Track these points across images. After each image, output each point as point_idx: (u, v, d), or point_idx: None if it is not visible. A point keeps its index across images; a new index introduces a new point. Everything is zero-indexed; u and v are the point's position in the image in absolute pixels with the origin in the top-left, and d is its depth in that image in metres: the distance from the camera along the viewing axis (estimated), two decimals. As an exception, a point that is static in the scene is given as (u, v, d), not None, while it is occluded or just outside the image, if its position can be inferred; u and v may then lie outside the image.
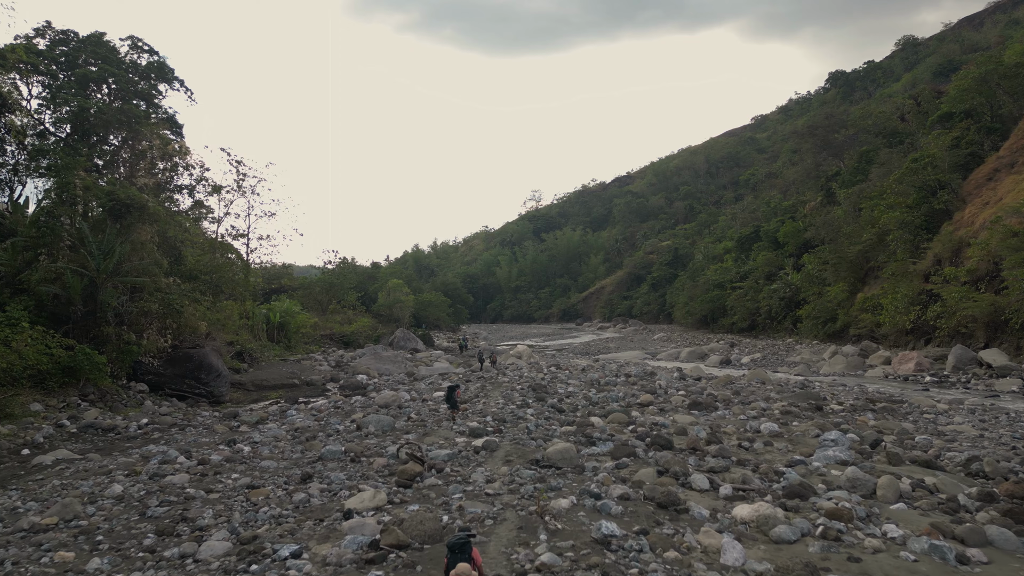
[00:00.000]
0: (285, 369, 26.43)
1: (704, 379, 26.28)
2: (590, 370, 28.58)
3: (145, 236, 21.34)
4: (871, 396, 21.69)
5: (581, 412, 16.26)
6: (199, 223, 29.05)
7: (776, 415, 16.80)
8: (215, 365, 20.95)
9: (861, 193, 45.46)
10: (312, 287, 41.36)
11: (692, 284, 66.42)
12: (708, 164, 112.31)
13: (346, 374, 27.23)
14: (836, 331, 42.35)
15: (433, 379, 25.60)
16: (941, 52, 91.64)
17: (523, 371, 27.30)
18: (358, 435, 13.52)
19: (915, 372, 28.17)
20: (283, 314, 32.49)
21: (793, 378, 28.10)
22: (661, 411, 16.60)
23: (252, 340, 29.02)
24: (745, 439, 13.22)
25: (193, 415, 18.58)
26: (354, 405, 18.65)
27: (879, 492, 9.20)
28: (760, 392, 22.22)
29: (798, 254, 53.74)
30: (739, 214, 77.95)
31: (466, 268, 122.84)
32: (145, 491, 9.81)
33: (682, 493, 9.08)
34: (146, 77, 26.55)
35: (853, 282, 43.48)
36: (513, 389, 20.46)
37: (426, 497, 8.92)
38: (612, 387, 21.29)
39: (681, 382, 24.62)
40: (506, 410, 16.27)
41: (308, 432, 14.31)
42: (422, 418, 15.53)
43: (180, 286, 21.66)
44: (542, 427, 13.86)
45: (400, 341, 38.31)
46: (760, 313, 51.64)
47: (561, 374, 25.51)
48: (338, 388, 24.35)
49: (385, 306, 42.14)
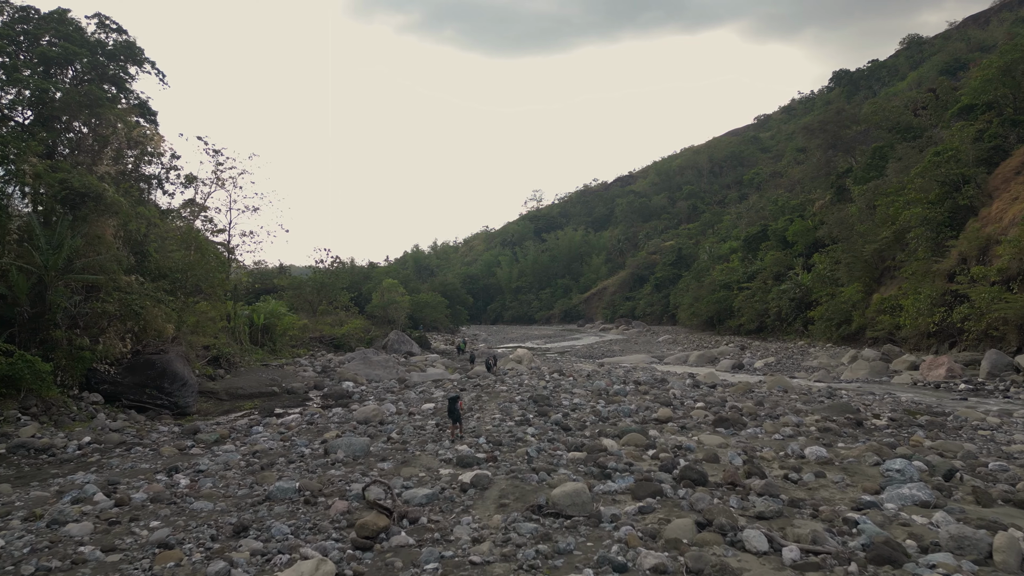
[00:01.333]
0: (266, 375, 24.06)
1: (720, 386, 23.89)
2: (596, 376, 26.19)
3: (103, 229, 18.96)
4: (908, 407, 19.32)
5: (590, 430, 13.86)
6: (192, 223, 26.69)
7: (813, 432, 14.39)
8: (180, 373, 18.57)
9: (876, 190, 43.05)
10: (302, 287, 38.93)
11: (697, 285, 64.11)
12: (711, 163, 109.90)
13: (331, 381, 24.85)
14: (851, 333, 39.99)
15: (425, 387, 23.22)
16: (947, 51, 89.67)
17: (523, 378, 24.91)
18: (324, 462, 11.11)
19: (946, 379, 25.75)
20: (268, 316, 30.13)
21: (815, 385, 25.70)
22: (683, 429, 14.19)
23: (232, 344, 26.65)
24: (789, 467, 10.82)
25: (150, 430, 16.19)
26: (330, 420, 16.24)
27: (997, 557, 6.80)
28: (785, 403, 19.82)
29: (808, 253, 51.43)
30: (744, 213, 75.62)
31: (466, 269, 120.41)
32: (30, 548, 7.43)
33: (735, 559, 6.69)
34: (114, 58, 24.19)
35: (868, 282, 41.16)
36: (512, 400, 18.06)
37: (389, 567, 6.52)
38: (622, 397, 18.88)
39: (696, 390, 22.23)
40: (503, 428, 13.88)
41: (268, 457, 11.92)
42: (404, 439, 13.12)
43: (144, 285, 19.30)
44: (545, 452, 11.46)
45: (394, 344, 35.92)
46: (769, 314, 49.27)
47: (565, 381, 23.12)
48: (320, 397, 21.97)
49: (379, 307, 39.69)
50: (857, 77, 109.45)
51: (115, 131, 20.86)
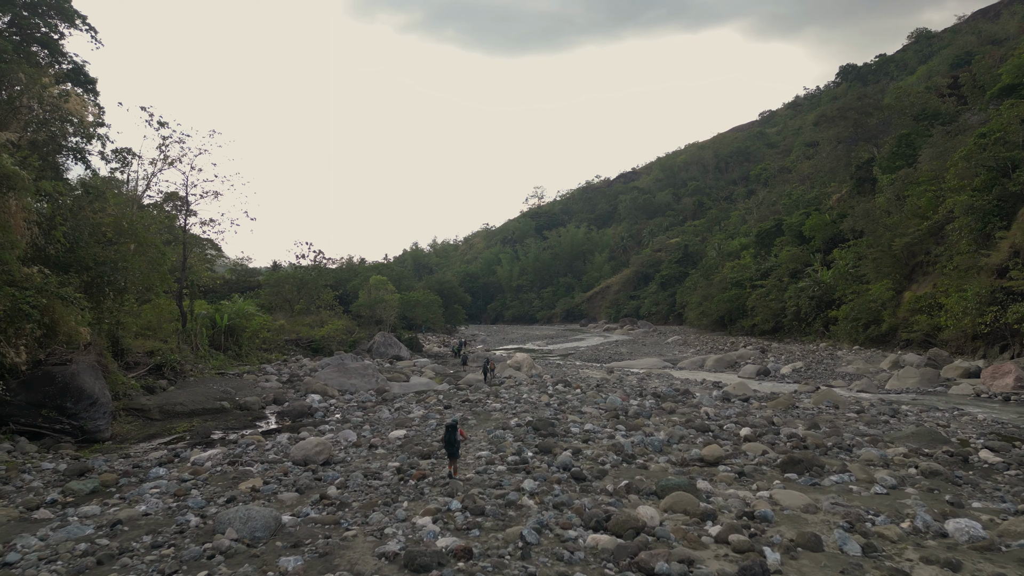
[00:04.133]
0: (218, 387, 19.91)
1: (753, 399, 19.73)
2: (607, 387, 22.03)
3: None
4: (996, 429, 15.15)
5: (612, 479, 9.69)
6: (131, 209, 22.51)
7: (920, 480, 10.22)
8: (87, 388, 14.41)
9: (907, 178, 38.83)
10: (281, 284, 34.69)
11: (706, 283, 59.91)
12: (717, 159, 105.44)
13: (296, 392, 20.71)
14: (880, 335, 35.78)
15: (405, 401, 19.08)
16: (957, 44, 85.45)
17: (522, 388, 20.75)
18: (196, 556, 6.92)
19: (1015, 389, 21.56)
20: (234, 316, 25.99)
21: (862, 397, 21.52)
22: (741, 476, 10.00)
23: (184, 349, 22.53)
24: (935, 560, 6.68)
25: (27, 467, 12.06)
26: (265, 454, 12.06)
27: None
28: (843, 423, 15.65)
29: (827, 249, 47.24)
30: (755, 208, 71.36)
31: (466, 267, 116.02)
32: None
33: None
34: (42, 16, 20.09)
35: (898, 279, 36.97)
36: (506, 426, 13.86)
37: None
38: (646, 420, 14.68)
39: (728, 405, 18.06)
40: (489, 476, 9.70)
41: (133, 530, 7.77)
42: (345, 497, 8.91)
43: (49, 278, 15.18)
44: (550, 533, 7.29)
45: (380, 347, 31.73)
46: (786, 314, 45.01)
47: (572, 396, 18.96)
48: (277, 415, 17.83)
49: (366, 306, 35.42)
50: (864, 72, 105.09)
51: (25, 91, 16.73)
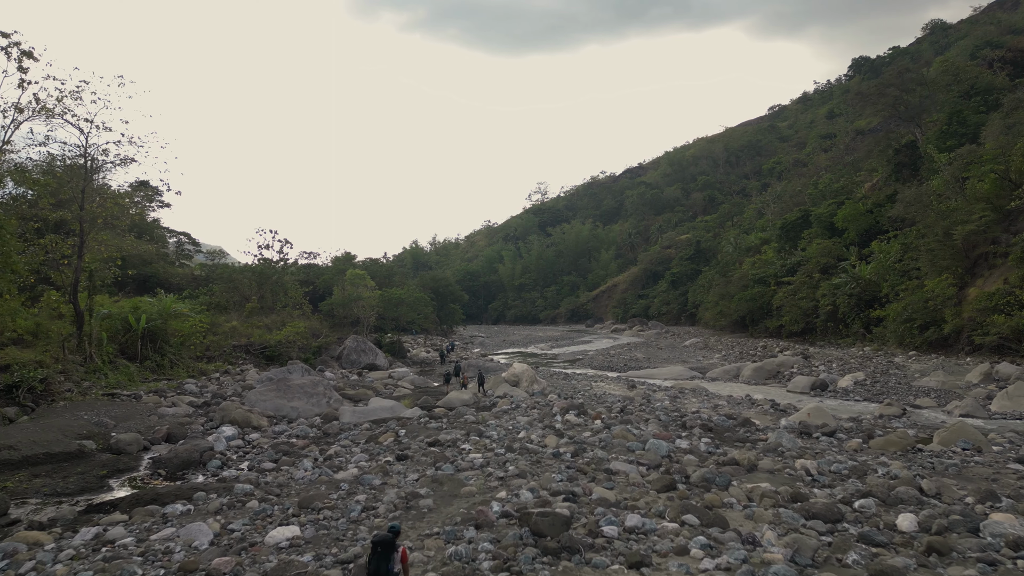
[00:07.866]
0: (91, 417, 13.82)
1: (841, 432, 13.62)
2: (633, 410, 15.91)
3: None
4: None
5: None
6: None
7: None
8: None
9: (969, 156, 32.61)
10: (238, 279, 28.48)
11: (723, 280, 53.62)
12: (727, 153, 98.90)
13: (207, 422, 14.63)
14: (942, 338, 29.56)
15: (349, 439, 13.00)
16: (975, 35, 79.29)
17: (519, 420, 14.60)
18: None
19: None
20: (156, 317, 19.95)
21: (984, 426, 15.39)
22: None
23: (72, 360, 16.50)
24: None
25: None
26: None
27: None
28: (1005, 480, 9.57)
29: (863, 242, 41.02)
30: (771, 201, 65.07)
31: (466, 265, 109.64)
32: None
33: None
34: None
35: (960, 273, 30.74)
36: (484, 520, 7.67)
37: None
38: (721, 491, 8.54)
39: (810, 442, 11.95)
40: None
41: None
42: None
43: None
44: None
45: (350, 354, 25.61)
46: (819, 314, 38.76)
47: (590, 435, 12.80)
48: (151, 462, 11.75)
49: (339, 304, 29.24)
50: (878, 64, 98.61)
51: None
